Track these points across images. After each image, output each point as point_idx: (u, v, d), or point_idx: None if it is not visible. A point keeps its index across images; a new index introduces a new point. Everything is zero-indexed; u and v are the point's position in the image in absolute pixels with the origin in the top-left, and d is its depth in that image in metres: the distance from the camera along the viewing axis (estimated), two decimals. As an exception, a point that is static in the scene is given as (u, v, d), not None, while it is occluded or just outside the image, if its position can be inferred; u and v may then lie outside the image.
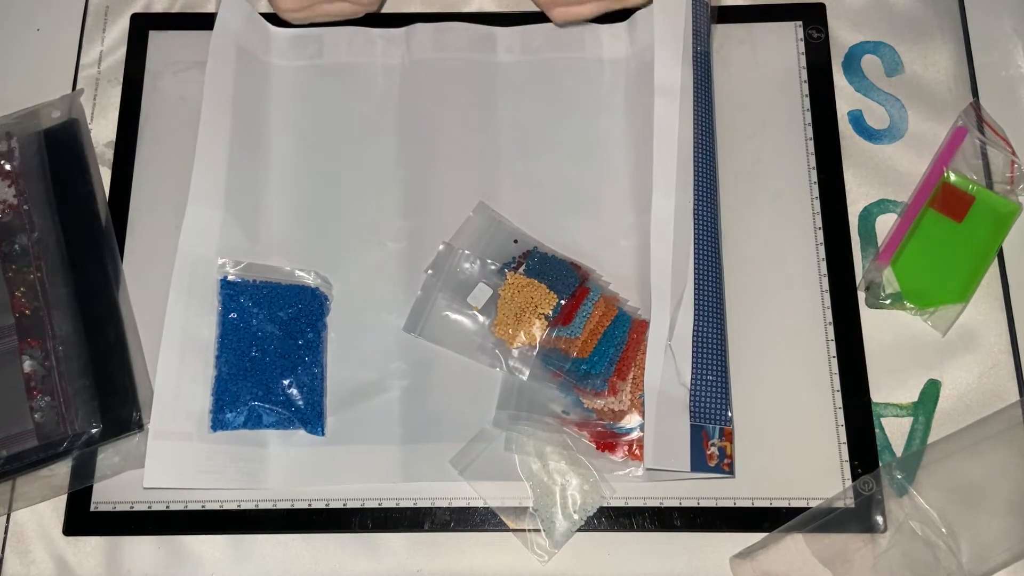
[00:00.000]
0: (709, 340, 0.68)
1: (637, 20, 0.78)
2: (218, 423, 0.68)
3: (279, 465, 0.68)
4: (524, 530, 0.67)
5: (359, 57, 0.79)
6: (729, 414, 0.67)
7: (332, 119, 0.77)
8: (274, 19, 0.80)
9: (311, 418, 0.68)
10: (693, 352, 0.67)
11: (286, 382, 0.69)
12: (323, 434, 0.69)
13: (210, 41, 0.75)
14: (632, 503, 0.67)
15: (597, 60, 0.78)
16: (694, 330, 0.67)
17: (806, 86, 0.78)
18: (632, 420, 0.67)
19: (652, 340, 0.67)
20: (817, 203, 0.75)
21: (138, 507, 0.68)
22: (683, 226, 0.69)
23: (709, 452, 0.65)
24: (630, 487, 0.67)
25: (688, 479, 0.67)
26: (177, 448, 0.67)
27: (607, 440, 0.67)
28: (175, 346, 0.69)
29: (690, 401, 0.66)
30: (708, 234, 0.70)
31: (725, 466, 0.65)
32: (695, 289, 0.68)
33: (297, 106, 0.77)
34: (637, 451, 0.67)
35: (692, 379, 0.66)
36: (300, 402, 0.69)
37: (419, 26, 0.79)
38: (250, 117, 0.76)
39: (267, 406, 0.68)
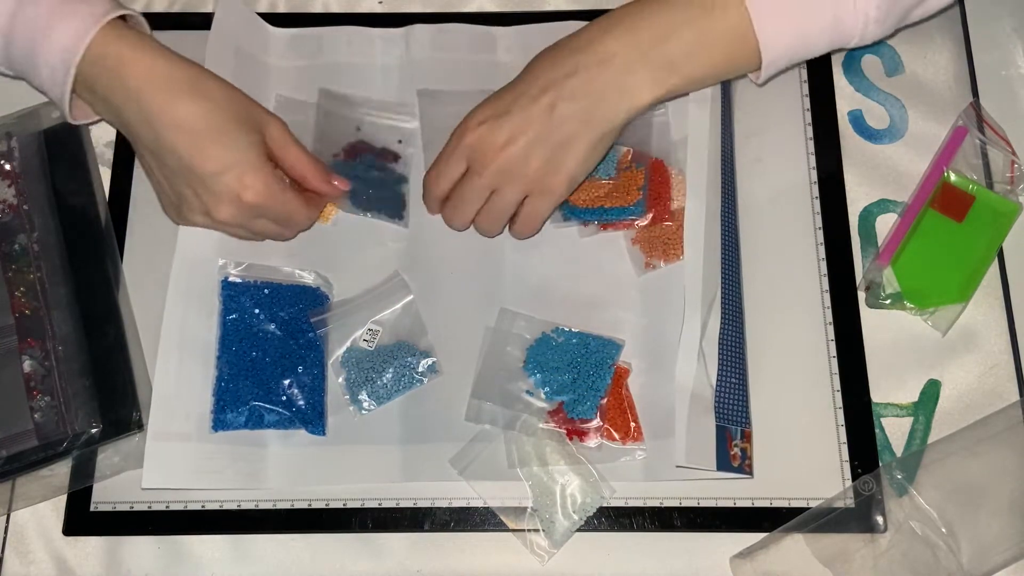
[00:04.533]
0: (732, 343, 0.69)
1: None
2: (219, 423, 0.68)
3: (278, 465, 0.68)
4: (524, 530, 0.67)
5: (358, 57, 0.79)
6: (749, 416, 0.68)
7: (332, 119, 0.77)
8: (273, 19, 0.80)
9: (312, 418, 0.68)
10: (719, 354, 0.68)
11: (287, 382, 0.69)
12: (324, 434, 0.69)
13: (208, 41, 0.75)
14: (632, 503, 0.67)
15: (597, 59, 0.78)
16: (720, 332, 0.68)
17: (806, 86, 0.78)
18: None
19: (684, 341, 0.68)
20: (817, 203, 0.75)
21: (138, 507, 0.68)
22: (712, 229, 0.70)
23: (732, 452, 0.66)
24: (630, 487, 0.67)
25: (690, 479, 0.67)
26: (176, 449, 0.67)
27: (575, 427, 0.68)
28: (173, 347, 0.69)
29: (715, 402, 0.67)
30: (730, 238, 0.71)
31: (747, 467, 0.66)
32: (722, 291, 0.69)
33: (296, 106, 0.77)
34: (636, 433, 0.68)
35: (717, 381, 0.67)
36: (301, 402, 0.69)
37: (418, 26, 0.79)
38: None
39: (268, 406, 0.68)
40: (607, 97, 0.64)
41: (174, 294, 0.70)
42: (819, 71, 0.78)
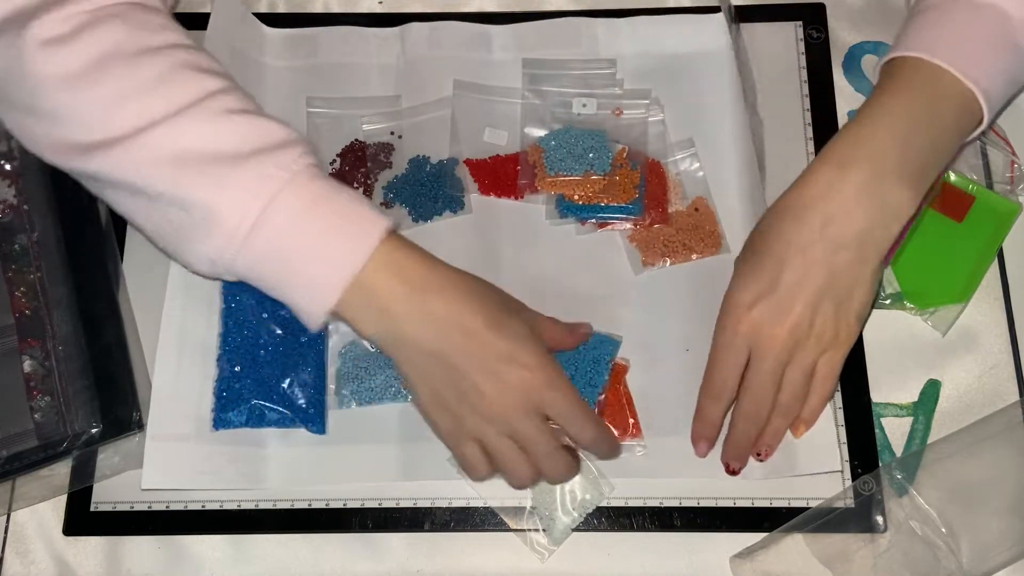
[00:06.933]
0: None
1: (636, 19, 0.78)
2: (220, 421, 0.68)
3: (278, 465, 0.68)
4: (524, 529, 0.67)
5: (354, 57, 0.79)
6: None
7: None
8: (272, 18, 0.80)
9: (313, 416, 0.68)
10: None
11: (288, 381, 0.69)
12: (325, 432, 0.69)
13: (204, 42, 0.75)
14: (632, 503, 0.67)
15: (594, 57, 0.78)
16: None
17: (806, 86, 0.78)
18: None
19: None
20: (817, 203, 0.75)
21: (138, 507, 0.68)
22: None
23: None
24: (629, 486, 0.67)
25: (689, 477, 0.67)
26: (175, 449, 0.67)
27: None
28: (172, 348, 0.69)
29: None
30: None
31: None
32: None
33: (292, 106, 0.77)
34: (635, 430, 0.68)
35: None
36: (302, 401, 0.69)
37: (414, 25, 0.79)
38: None
39: (269, 404, 0.68)
40: (875, 225, 0.62)
41: (172, 295, 0.70)
42: (819, 71, 0.78)
